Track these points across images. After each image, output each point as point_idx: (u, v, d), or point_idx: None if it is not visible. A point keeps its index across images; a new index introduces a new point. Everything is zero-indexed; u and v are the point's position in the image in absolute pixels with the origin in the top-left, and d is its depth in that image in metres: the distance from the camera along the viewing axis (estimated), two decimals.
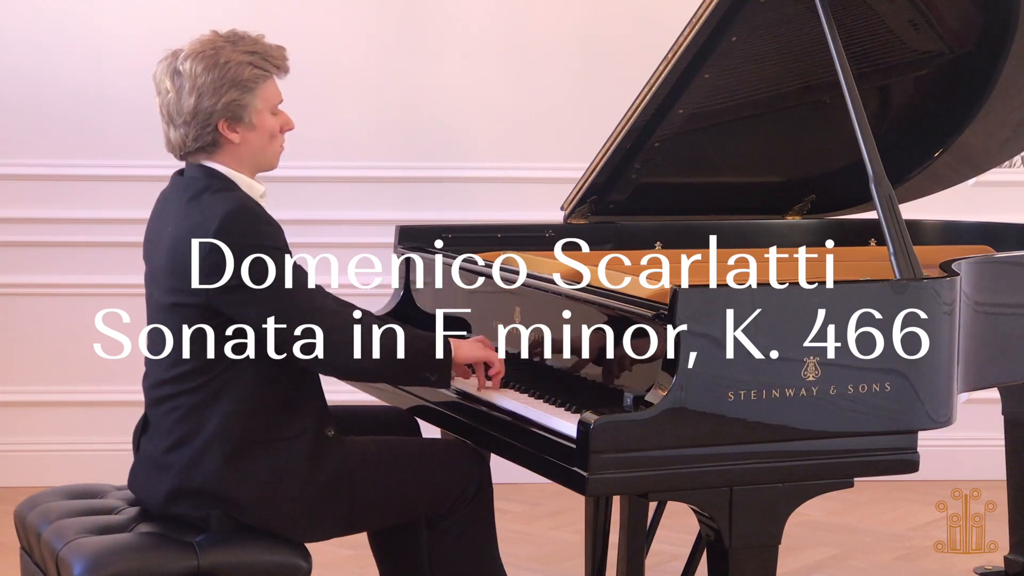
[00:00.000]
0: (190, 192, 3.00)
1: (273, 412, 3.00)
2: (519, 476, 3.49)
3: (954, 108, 3.89)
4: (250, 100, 3.00)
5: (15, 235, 5.37)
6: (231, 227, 2.91)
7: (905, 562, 4.66)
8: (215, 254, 2.90)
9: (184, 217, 2.97)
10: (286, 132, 3.09)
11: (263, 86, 3.02)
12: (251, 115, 3.01)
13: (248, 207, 2.97)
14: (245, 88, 2.98)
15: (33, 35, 5.34)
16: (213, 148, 3.01)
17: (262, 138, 3.04)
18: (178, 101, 2.98)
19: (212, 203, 2.95)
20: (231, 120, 2.99)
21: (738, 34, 3.52)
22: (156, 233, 3.07)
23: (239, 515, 2.98)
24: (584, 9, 5.53)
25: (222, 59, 2.98)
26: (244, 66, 2.98)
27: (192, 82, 2.96)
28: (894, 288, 2.98)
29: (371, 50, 5.45)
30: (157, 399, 3.04)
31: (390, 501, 3.12)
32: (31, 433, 5.43)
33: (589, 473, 2.75)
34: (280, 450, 3.00)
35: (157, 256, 3.03)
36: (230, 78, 2.97)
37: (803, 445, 2.90)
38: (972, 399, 4.70)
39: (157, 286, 3.03)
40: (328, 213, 5.45)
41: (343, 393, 3.75)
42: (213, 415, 2.96)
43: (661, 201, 4.02)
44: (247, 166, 3.05)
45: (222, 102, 2.97)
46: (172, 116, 3.00)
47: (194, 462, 2.98)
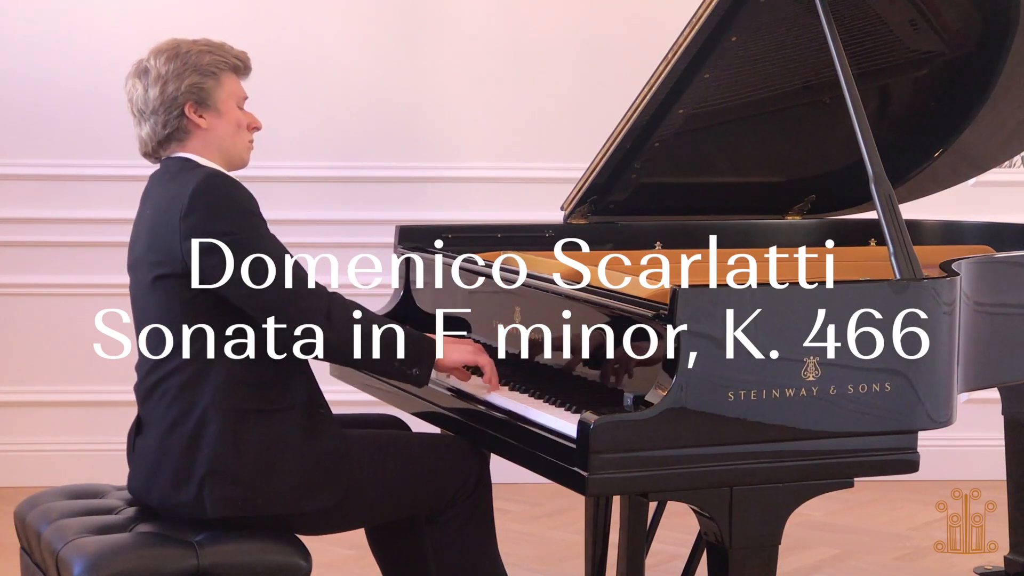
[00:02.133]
0: (167, 176, 3.10)
1: (263, 384, 3.03)
2: (519, 476, 3.50)
3: (954, 108, 3.89)
4: (212, 85, 3.11)
5: (15, 235, 5.37)
6: (205, 190, 2.99)
7: (905, 562, 4.66)
8: (191, 217, 2.97)
9: (161, 196, 3.07)
10: (253, 130, 3.18)
11: (225, 76, 3.13)
12: (216, 101, 3.11)
13: (221, 174, 3.06)
14: (206, 73, 3.10)
15: (33, 35, 5.34)
16: (183, 136, 3.11)
17: (229, 126, 3.13)
18: (145, 94, 3.11)
19: (187, 178, 3.04)
20: (197, 104, 3.09)
21: (738, 34, 3.52)
22: (137, 225, 3.15)
23: (236, 492, 2.98)
24: (584, 9, 5.53)
25: (183, 49, 3.12)
26: (203, 54, 3.12)
27: (156, 73, 3.10)
28: (894, 288, 2.98)
29: (371, 50, 5.45)
30: (148, 390, 3.07)
31: (389, 488, 3.13)
32: (31, 433, 5.43)
33: (589, 473, 2.75)
34: (274, 420, 3.02)
35: (139, 240, 3.11)
36: (191, 64, 3.09)
37: (803, 445, 2.90)
38: (972, 399, 4.71)
39: (139, 268, 3.09)
40: (328, 213, 5.45)
41: (343, 393, 3.76)
42: (205, 389, 3.00)
43: (661, 201, 4.02)
44: (217, 155, 3.13)
45: (185, 84, 3.08)
46: (141, 110, 3.12)
47: (193, 439, 2.99)
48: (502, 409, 3.10)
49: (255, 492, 2.99)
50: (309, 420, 3.06)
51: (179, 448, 3.01)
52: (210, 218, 2.97)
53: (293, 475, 3.01)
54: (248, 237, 2.98)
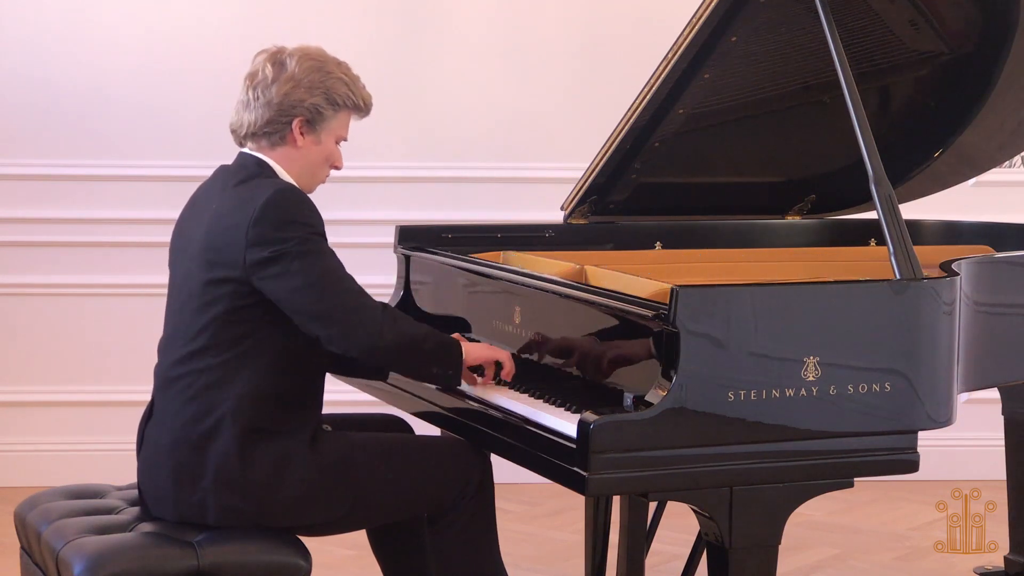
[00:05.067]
0: (239, 177, 3.08)
1: (279, 404, 3.03)
2: (519, 476, 3.49)
3: (954, 108, 3.89)
4: (331, 115, 3.12)
5: (15, 235, 5.37)
6: (278, 202, 2.99)
7: (905, 562, 4.66)
8: (260, 226, 2.97)
9: (231, 197, 3.05)
10: (334, 168, 3.19)
11: (344, 113, 3.15)
12: (323, 130, 3.12)
13: (296, 190, 3.07)
14: (333, 102, 3.11)
15: (33, 35, 5.34)
16: (278, 142, 3.10)
17: (319, 156, 3.14)
18: (271, 84, 3.08)
19: (262, 184, 3.04)
20: (307, 123, 3.10)
21: (738, 34, 3.52)
22: (194, 214, 3.13)
23: (244, 499, 2.98)
24: (584, 9, 5.53)
25: (326, 68, 3.12)
26: (341, 84, 3.13)
27: (291, 73, 3.08)
28: (894, 288, 2.98)
29: (371, 50, 5.45)
30: (168, 380, 3.06)
31: (392, 494, 3.13)
32: (31, 433, 5.43)
33: (589, 473, 2.75)
34: (285, 437, 3.03)
35: (195, 234, 3.07)
36: (327, 86, 3.10)
37: (803, 445, 2.90)
38: (972, 399, 4.69)
39: (192, 262, 3.06)
40: (328, 213, 5.40)
41: (343, 393, 3.76)
42: (228, 395, 2.99)
43: (661, 201, 4.02)
44: (296, 174, 3.13)
45: (310, 101, 3.08)
46: (258, 94, 3.09)
47: (205, 441, 2.99)
48: (502, 409, 3.10)
49: (260, 505, 3.00)
50: (314, 436, 3.07)
51: (189, 447, 3.00)
52: (277, 229, 2.97)
53: (299, 489, 3.02)
54: (310, 252, 2.99)
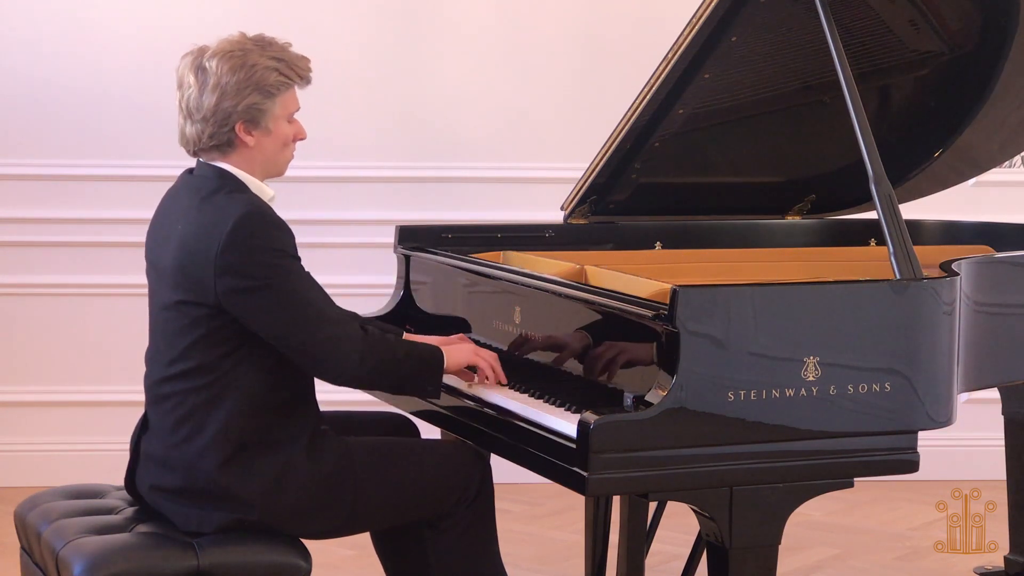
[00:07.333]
0: (202, 192, 3.01)
1: (273, 415, 3.02)
2: (519, 476, 3.49)
3: (954, 108, 3.89)
4: (270, 106, 3.02)
5: (15, 235, 5.37)
6: (245, 229, 2.92)
7: (905, 562, 4.66)
8: (228, 255, 2.91)
9: (196, 217, 2.98)
10: (298, 141, 3.11)
11: (284, 94, 3.04)
12: (268, 121, 3.03)
13: (262, 210, 2.98)
14: (267, 93, 3.01)
15: (33, 35, 5.34)
16: (227, 148, 3.03)
17: (276, 144, 3.06)
18: (199, 97, 2.99)
19: (226, 204, 2.97)
20: (248, 123, 3.01)
21: (738, 34, 3.52)
22: (163, 230, 3.08)
23: (244, 513, 2.97)
24: (584, 9, 5.52)
25: (249, 62, 2.99)
26: (270, 71, 3.01)
27: (216, 80, 2.98)
28: (894, 288, 2.98)
29: (371, 50, 5.45)
30: (158, 397, 3.05)
31: (392, 498, 3.12)
32: (31, 433, 5.43)
33: (589, 473, 2.75)
34: (282, 449, 3.01)
35: (165, 254, 3.03)
36: (254, 81, 2.99)
37: (803, 445, 2.90)
38: (972, 399, 4.68)
39: (163, 283, 3.03)
40: (328, 213, 5.45)
41: (343, 393, 3.75)
42: (217, 415, 2.97)
43: (661, 201, 4.02)
44: (258, 170, 3.07)
45: (243, 104, 2.99)
46: (191, 111, 3.01)
47: (195, 463, 2.98)
48: (502, 409, 3.10)
49: (260, 516, 2.99)
50: (313, 443, 3.05)
51: (184, 464, 2.99)
52: (244, 258, 2.92)
53: (298, 500, 3.01)
54: (281, 280, 2.94)
